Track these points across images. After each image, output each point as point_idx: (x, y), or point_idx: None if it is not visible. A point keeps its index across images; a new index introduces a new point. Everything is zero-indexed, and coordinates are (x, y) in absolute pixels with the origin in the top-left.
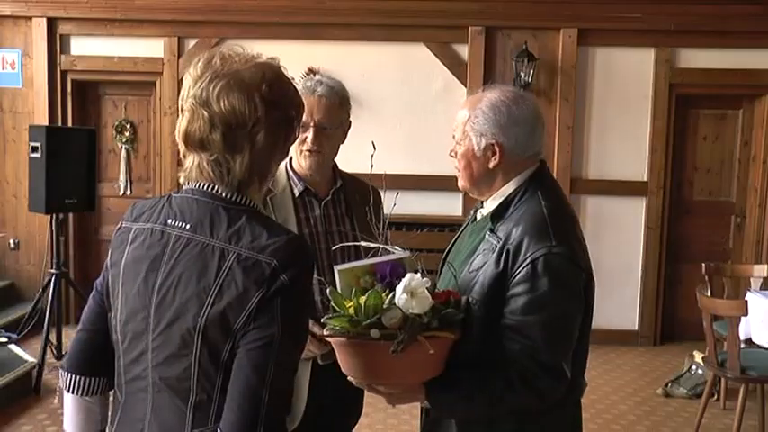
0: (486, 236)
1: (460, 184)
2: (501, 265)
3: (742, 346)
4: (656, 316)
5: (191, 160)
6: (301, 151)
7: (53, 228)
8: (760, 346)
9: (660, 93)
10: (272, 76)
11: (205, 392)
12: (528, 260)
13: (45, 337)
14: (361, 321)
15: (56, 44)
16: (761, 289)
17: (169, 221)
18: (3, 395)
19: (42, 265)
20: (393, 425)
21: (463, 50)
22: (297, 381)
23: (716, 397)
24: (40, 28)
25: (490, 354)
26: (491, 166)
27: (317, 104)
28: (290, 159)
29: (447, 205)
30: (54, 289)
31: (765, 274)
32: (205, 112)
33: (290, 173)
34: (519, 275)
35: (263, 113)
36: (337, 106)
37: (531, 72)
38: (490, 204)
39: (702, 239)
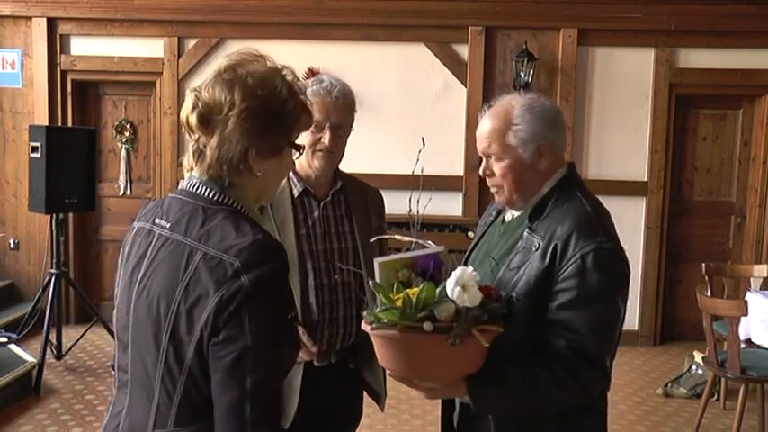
0: (525, 234)
1: (503, 198)
2: (548, 261)
3: (742, 346)
4: (656, 316)
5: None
6: (314, 151)
7: (53, 228)
8: (760, 346)
9: (660, 93)
10: (264, 72)
11: (167, 394)
12: (577, 255)
13: (45, 337)
14: (414, 314)
15: (56, 44)
16: (761, 289)
17: (156, 220)
18: (3, 395)
19: (42, 265)
20: (393, 425)
21: (463, 50)
22: (288, 381)
23: (716, 397)
24: (40, 28)
25: (532, 348)
26: (542, 168)
27: (334, 105)
28: None
29: (447, 205)
30: (54, 289)
31: (765, 274)
32: (194, 96)
33: (291, 173)
34: (568, 270)
35: (238, 101)
36: (350, 108)
37: (531, 72)
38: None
39: (702, 239)
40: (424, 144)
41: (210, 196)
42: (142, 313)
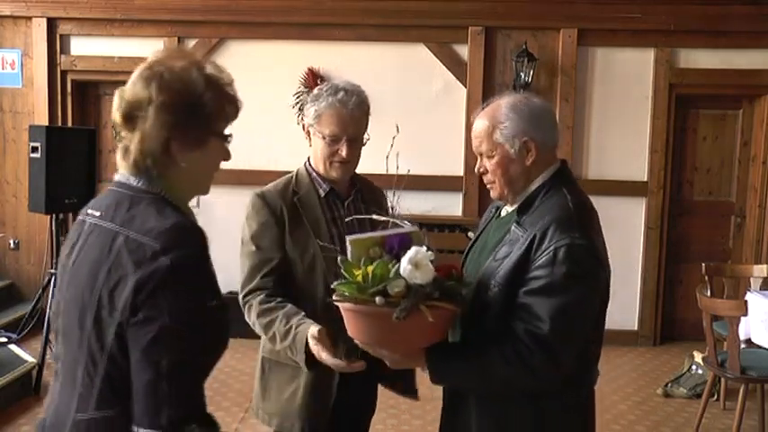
0: (513, 228)
1: (496, 192)
2: (525, 251)
3: (742, 346)
4: (656, 316)
5: None
6: (331, 162)
7: (53, 228)
8: (760, 346)
9: (660, 93)
10: (181, 66)
11: (89, 378)
12: (551, 247)
13: (45, 337)
14: (368, 289)
15: (56, 44)
16: (761, 289)
17: (89, 211)
18: (3, 395)
19: (42, 265)
20: (393, 425)
21: (463, 50)
22: (325, 380)
23: (716, 397)
24: (40, 28)
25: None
26: (528, 163)
27: (350, 118)
28: (309, 160)
29: (447, 205)
30: (54, 289)
31: (765, 274)
32: (118, 95)
33: (313, 174)
34: (540, 261)
35: (155, 95)
36: (366, 115)
37: (531, 72)
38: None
39: (702, 239)
40: (398, 131)
41: (139, 185)
42: (70, 299)
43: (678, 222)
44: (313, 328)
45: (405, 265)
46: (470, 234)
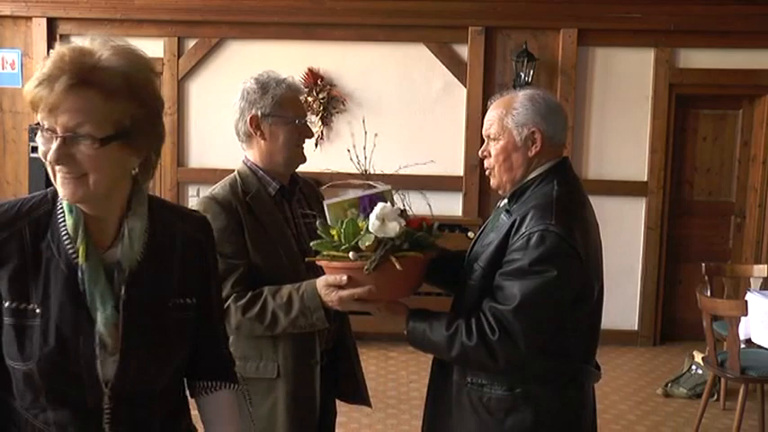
0: (502, 215)
1: (495, 181)
2: (504, 235)
3: (742, 346)
4: (656, 316)
5: None
6: (297, 147)
7: None
8: (760, 346)
9: (660, 93)
10: None
11: None
12: (526, 233)
13: None
14: (341, 246)
15: (56, 44)
16: (761, 289)
17: None
18: None
19: None
20: (393, 425)
21: (463, 50)
22: (307, 387)
23: (716, 397)
24: (40, 28)
25: None
26: (531, 154)
27: (300, 101)
28: (247, 160)
29: (447, 205)
30: None
31: (765, 274)
32: None
33: (260, 172)
34: (516, 245)
35: None
36: None
37: (531, 72)
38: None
39: (702, 239)
40: (369, 117)
41: None
42: None
43: (678, 222)
44: (318, 281)
45: (372, 220)
46: (470, 234)
